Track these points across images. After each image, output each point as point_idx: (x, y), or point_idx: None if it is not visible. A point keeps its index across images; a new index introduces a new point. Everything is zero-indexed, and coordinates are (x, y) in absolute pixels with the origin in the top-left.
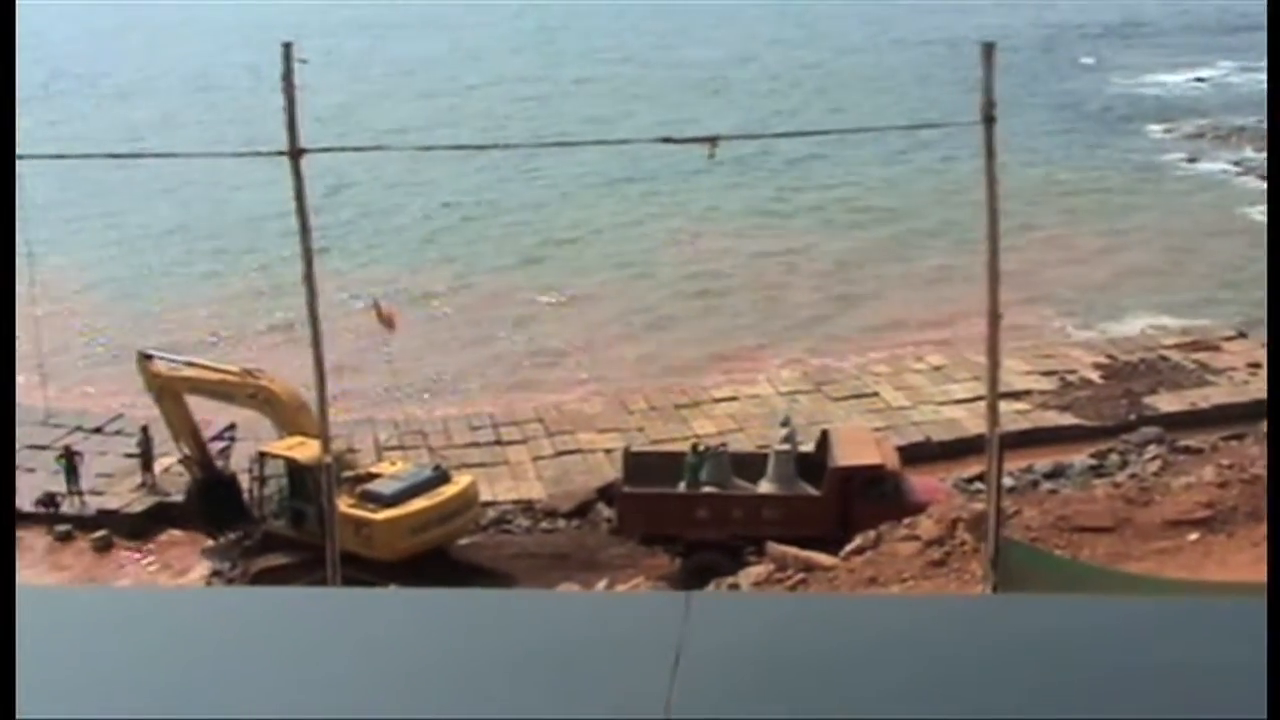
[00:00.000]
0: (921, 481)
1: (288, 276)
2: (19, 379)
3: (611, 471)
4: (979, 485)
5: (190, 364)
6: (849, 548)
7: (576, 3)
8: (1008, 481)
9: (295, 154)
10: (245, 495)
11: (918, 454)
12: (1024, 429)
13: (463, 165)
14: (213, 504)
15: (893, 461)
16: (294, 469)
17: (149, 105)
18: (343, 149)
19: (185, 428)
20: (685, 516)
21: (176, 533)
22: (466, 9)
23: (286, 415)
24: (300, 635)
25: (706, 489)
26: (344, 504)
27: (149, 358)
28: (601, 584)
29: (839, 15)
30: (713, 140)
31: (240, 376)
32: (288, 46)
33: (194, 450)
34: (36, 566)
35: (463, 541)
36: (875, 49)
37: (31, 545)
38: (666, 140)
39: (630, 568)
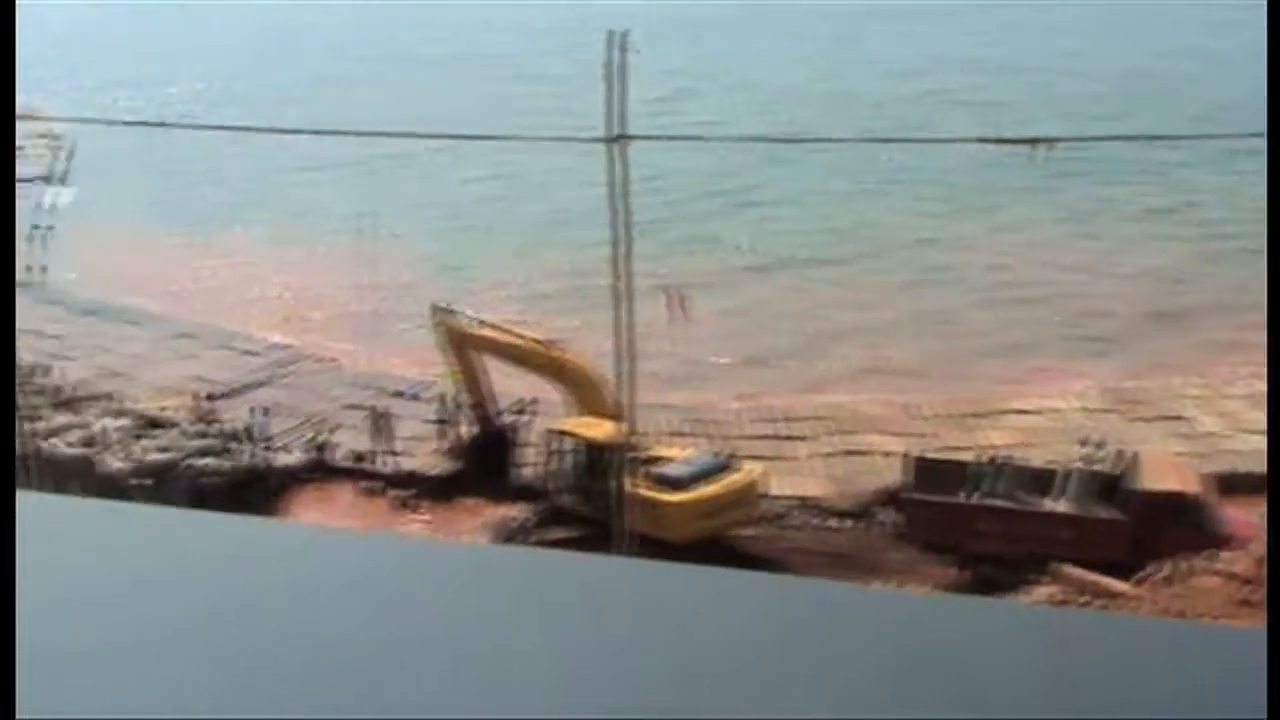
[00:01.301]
0: (1232, 514)
1: (594, 259)
2: (346, 344)
3: (896, 476)
4: None
5: (489, 324)
6: (1148, 576)
7: (898, 3)
8: None
9: (615, 140)
10: (520, 461)
11: (1229, 485)
12: None
13: (774, 161)
14: (484, 459)
15: (1201, 490)
16: (586, 447)
17: (468, 90)
18: (661, 137)
19: (478, 386)
20: (970, 528)
21: (473, 499)
22: (780, 7)
23: (580, 391)
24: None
25: (994, 502)
26: (633, 484)
27: (449, 312)
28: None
29: (1173, 12)
30: (1034, 142)
31: (539, 345)
32: (613, 35)
33: (486, 406)
34: (341, 516)
35: (742, 533)
36: (1210, 49)
37: (340, 497)
38: (985, 140)
39: (911, 574)
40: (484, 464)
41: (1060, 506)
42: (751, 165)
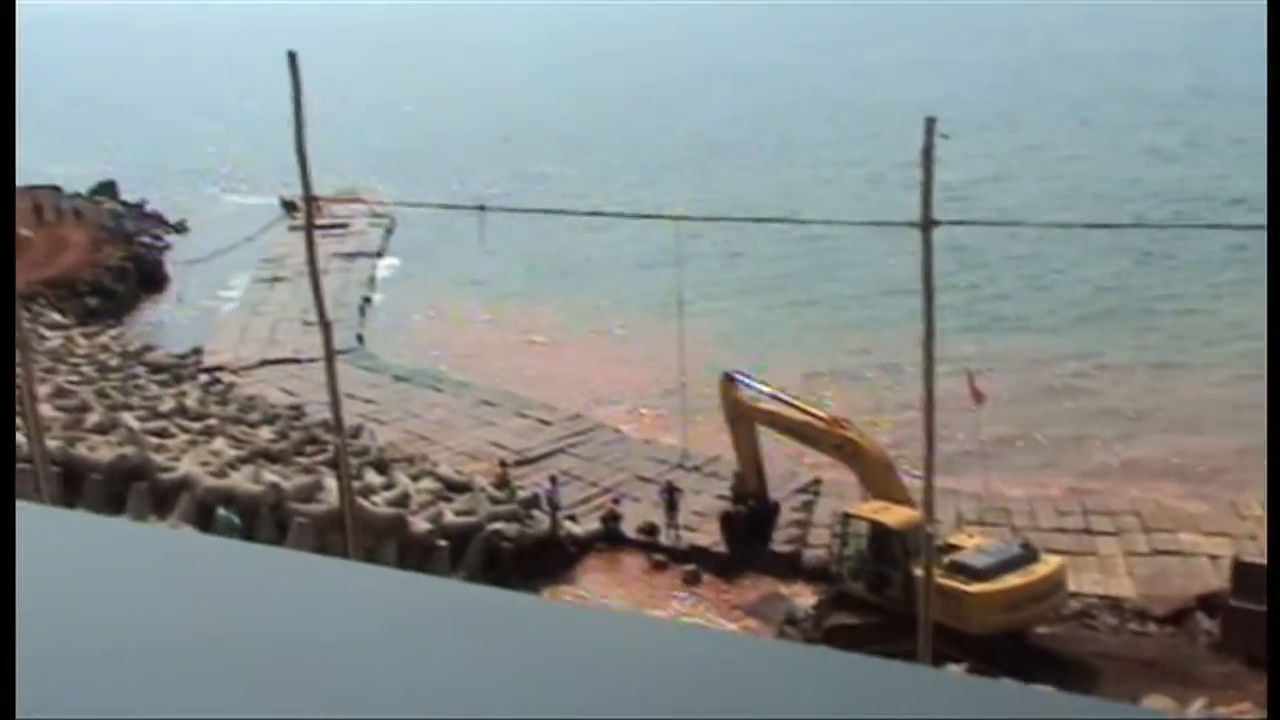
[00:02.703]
0: None
1: (894, 340)
2: (640, 417)
3: (1216, 580)
4: None
5: (776, 398)
6: None
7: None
8: None
9: (927, 225)
10: (806, 541)
11: None
12: None
13: (1081, 246)
14: (750, 532)
15: None
16: (879, 533)
17: (785, 173)
18: (974, 222)
19: (750, 457)
20: None
21: (758, 578)
22: (1097, 90)
23: (870, 473)
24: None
25: None
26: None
27: (733, 381)
28: (1199, 704)
29: None
30: None
31: (827, 423)
32: (930, 121)
33: (753, 480)
34: (628, 585)
35: (1040, 630)
36: None
37: (628, 568)
38: None
39: (1233, 690)
40: (749, 537)
41: None
42: (1058, 251)
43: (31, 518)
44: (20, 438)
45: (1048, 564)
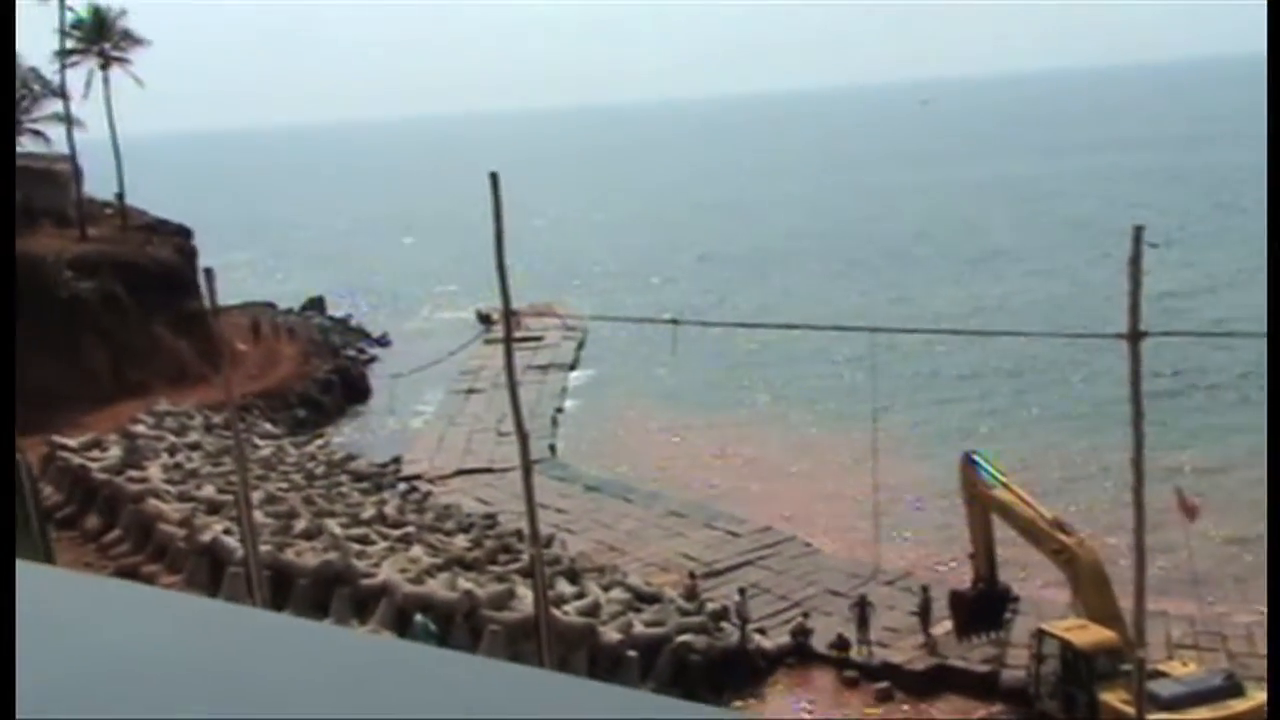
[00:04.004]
0: None
1: (1102, 455)
2: (831, 530)
3: None
4: None
5: (1007, 487)
6: None
7: None
8: None
9: (1135, 337)
10: (1007, 613)
11: None
12: None
13: None
14: (977, 610)
15: None
16: (1068, 652)
17: (986, 283)
18: (1184, 333)
19: (980, 540)
20: None
21: (954, 698)
22: None
23: (1085, 585)
24: None
25: None
26: (1117, 698)
27: (973, 463)
28: None
29: None
30: None
31: (1049, 525)
32: (1138, 230)
33: (983, 564)
34: (819, 702)
35: None
36: None
37: (819, 684)
38: None
39: None
40: (976, 615)
41: None
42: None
43: (258, 623)
44: (234, 542)
45: (1251, 699)
